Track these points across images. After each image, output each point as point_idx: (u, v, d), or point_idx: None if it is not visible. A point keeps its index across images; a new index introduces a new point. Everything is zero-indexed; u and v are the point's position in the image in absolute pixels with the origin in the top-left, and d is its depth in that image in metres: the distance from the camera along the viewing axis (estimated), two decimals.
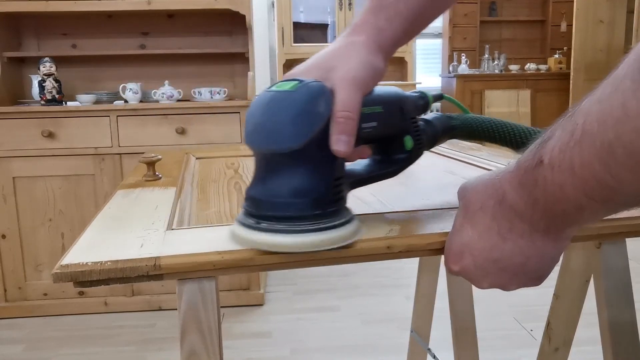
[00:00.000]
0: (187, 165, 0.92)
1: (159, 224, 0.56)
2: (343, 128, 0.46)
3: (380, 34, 0.54)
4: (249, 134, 0.47)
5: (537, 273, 0.47)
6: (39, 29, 2.50)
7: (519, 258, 0.45)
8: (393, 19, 0.54)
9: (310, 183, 0.47)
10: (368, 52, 0.52)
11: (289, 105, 0.46)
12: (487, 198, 0.46)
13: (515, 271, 0.46)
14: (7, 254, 2.22)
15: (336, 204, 0.49)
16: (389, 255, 0.50)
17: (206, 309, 0.49)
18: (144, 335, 2.08)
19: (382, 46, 0.54)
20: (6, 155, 2.15)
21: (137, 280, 0.46)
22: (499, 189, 0.45)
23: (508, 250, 0.45)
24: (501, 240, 0.45)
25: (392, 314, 2.20)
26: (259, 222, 0.47)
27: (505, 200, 0.44)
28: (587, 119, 0.35)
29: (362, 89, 0.49)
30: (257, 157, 0.49)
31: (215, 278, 0.49)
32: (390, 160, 0.59)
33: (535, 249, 0.45)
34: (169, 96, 2.33)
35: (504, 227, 0.45)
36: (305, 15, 4.93)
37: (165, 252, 0.47)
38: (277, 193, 0.47)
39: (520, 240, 0.44)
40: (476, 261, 0.47)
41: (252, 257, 0.47)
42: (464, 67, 5.25)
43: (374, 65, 0.51)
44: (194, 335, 0.49)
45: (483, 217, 0.46)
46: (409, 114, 0.59)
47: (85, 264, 0.45)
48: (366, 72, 0.50)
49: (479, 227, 0.46)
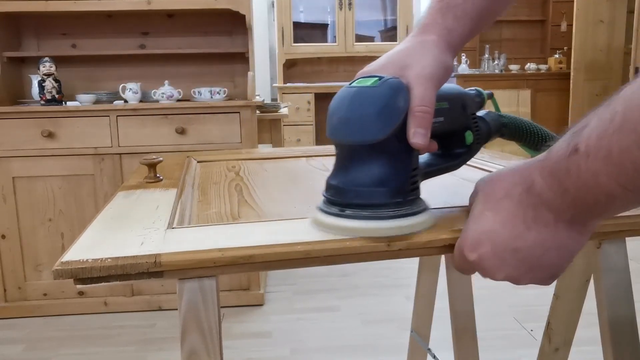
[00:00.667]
0: (188, 167, 0.92)
1: (159, 223, 0.56)
2: (420, 122, 0.49)
3: (450, 33, 0.56)
4: (334, 127, 0.50)
5: (552, 269, 0.46)
6: (39, 28, 2.50)
7: (539, 249, 0.45)
8: (461, 18, 0.57)
9: (391, 173, 0.50)
10: (440, 50, 0.54)
11: (373, 100, 0.49)
12: (513, 186, 0.46)
13: (532, 264, 0.46)
14: (6, 254, 2.22)
15: (414, 193, 0.52)
16: (389, 254, 0.50)
17: (207, 308, 0.49)
18: (143, 335, 2.08)
19: (452, 44, 0.56)
20: (6, 155, 2.15)
21: (137, 277, 0.46)
22: (528, 177, 0.45)
23: (530, 240, 0.45)
24: (525, 229, 0.45)
25: (392, 314, 2.20)
26: (343, 210, 0.50)
27: (533, 188, 0.44)
28: (628, 105, 0.36)
29: (436, 85, 0.52)
30: (340, 149, 0.52)
31: (215, 277, 0.49)
32: (452, 155, 0.63)
33: (557, 241, 0.45)
34: (169, 96, 2.32)
35: (529, 215, 0.45)
36: (305, 15, 4.93)
37: (165, 249, 0.48)
38: (361, 182, 0.50)
39: (544, 230, 0.44)
40: (495, 249, 0.46)
41: (252, 255, 0.47)
42: (464, 67, 5.25)
43: (445, 63, 0.54)
44: (194, 334, 0.49)
45: (508, 205, 0.46)
46: (470, 110, 0.62)
47: (85, 260, 0.46)
48: (439, 69, 0.52)
49: (502, 214, 0.46)
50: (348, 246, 0.49)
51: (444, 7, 0.58)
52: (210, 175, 0.88)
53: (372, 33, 5.12)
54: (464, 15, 0.57)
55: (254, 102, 2.25)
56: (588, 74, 5.00)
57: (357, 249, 0.49)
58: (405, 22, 4.81)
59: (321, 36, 4.96)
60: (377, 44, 5.01)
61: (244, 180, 0.82)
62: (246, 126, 2.23)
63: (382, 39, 5.14)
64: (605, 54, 4.99)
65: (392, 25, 5.00)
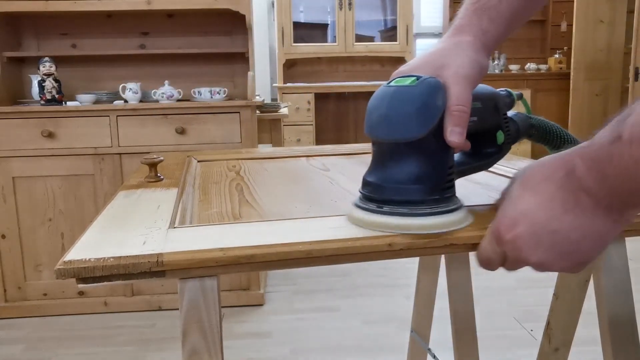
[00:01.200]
0: (188, 167, 0.92)
1: (161, 222, 0.57)
2: (457, 120, 0.50)
3: (485, 34, 0.58)
4: (373, 125, 0.51)
5: (584, 256, 0.46)
6: (39, 28, 2.50)
7: (575, 234, 0.45)
8: (495, 20, 0.58)
9: (429, 170, 0.51)
10: (475, 51, 0.56)
11: (412, 98, 0.50)
12: (554, 170, 0.46)
13: (566, 249, 0.46)
14: (6, 254, 2.22)
15: (450, 191, 0.53)
16: (390, 254, 0.50)
17: (208, 308, 0.49)
18: (143, 335, 2.08)
19: (486, 45, 0.58)
20: (6, 155, 2.15)
21: (139, 276, 0.46)
22: (569, 162, 0.45)
23: (567, 223, 0.45)
24: (563, 212, 0.45)
25: (392, 314, 2.20)
26: (381, 206, 0.51)
27: (574, 172, 0.44)
28: None
29: (472, 85, 0.53)
30: (378, 146, 0.53)
31: (217, 277, 0.49)
32: (483, 154, 0.64)
33: (593, 227, 0.45)
34: (169, 96, 2.32)
35: (568, 199, 0.45)
36: (305, 15, 4.93)
37: (167, 249, 0.48)
38: (399, 179, 0.51)
39: (582, 215, 0.44)
40: (532, 229, 0.46)
41: (254, 254, 0.47)
42: None
43: (480, 63, 0.55)
44: (195, 334, 0.49)
45: (548, 187, 0.46)
46: (501, 110, 0.63)
47: (88, 260, 0.46)
48: (474, 69, 0.54)
49: (542, 196, 0.46)
50: (349, 246, 0.49)
51: (479, 8, 0.59)
52: (211, 174, 0.88)
53: (372, 33, 5.12)
54: (499, 17, 0.58)
55: (254, 102, 2.25)
56: (588, 74, 5.00)
57: (359, 249, 0.49)
58: (405, 22, 4.81)
59: (321, 36, 4.96)
60: (377, 44, 5.01)
61: (244, 180, 0.82)
62: (246, 126, 2.23)
63: (382, 39, 5.13)
64: (605, 54, 4.99)
65: (392, 25, 5.00)
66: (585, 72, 4.99)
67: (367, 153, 1.08)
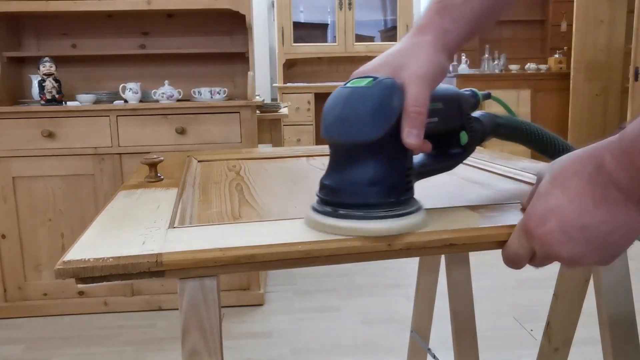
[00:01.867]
0: (188, 167, 0.92)
1: (160, 222, 0.57)
2: (414, 122, 0.49)
3: (446, 34, 0.57)
4: (329, 126, 0.51)
5: (617, 249, 0.46)
6: (39, 28, 2.50)
7: (606, 227, 0.45)
8: (458, 20, 0.57)
9: (385, 172, 0.50)
10: (435, 51, 0.55)
11: (368, 100, 0.49)
12: (584, 165, 0.46)
13: (598, 243, 0.45)
14: (6, 254, 2.22)
15: (408, 193, 0.52)
16: (389, 253, 0.50)
17: (208, 308, 0.49)
18: (143, 335, 2.08)
19: (448, 46, 0.57)
20: (6, 155, 2.15)
21: (138, 277, 0.46)
22: (599, 157, 0.45)
23: (599, 217, 0.45)
24: (593, 206, 0.45)
25: (392, 314, 2.20)
26: (337, 210, 0.50)
27: (603, 166, 0.44)
28: None
29: (430, 85, 0.52)
30: (334, 148, 0.52)
31: (216, 277, 0.49)
32: (447, 155, 0.63)
33: (625, 220, 0.44)
34: (169, 96, 2.33)
35: (598, 193, 0.44)
36: (305, 14, 4.93)
37: (166, 249, 0.48)
38: (355, 182, 0.50)
39: (613, 209, 0.44)
40: (563, 225, 0.46)
41: (254, 254, 0.47)
42: (464, 66, 5.24)
43: (440, 63, 0.54)
44: (195, 334, 0.49)
45: (578, 182, 0.46)
46: (465, 110, 0.63)
47: (87, 260, 0.46)
48: (434, 70, 0.53)
49: (571, 191, 0.46)
50: (349, 246, 0.49)
51: (442, 8, 0.58)
52: (211, 174, 0.88)
53: (372, 33, 5.12)
54: (462, 17, 0.57)
55: (254, 102, 2.25)
56: (588, 74, 4.99)
57: (358, 249, 0.49)
58: (405, 22, 4.81)
59: (321, 36, 4.96)
60: (377, 43, 5.01)
61: (244, 179, 0.82)
62: (246, 126, 2.23)
63: (382, 39, 5.14)
64: (605, 54, 4.99)
65: (392, 25, 5.00)
66: (585, 72, 4.98)
67: None
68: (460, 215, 0.56)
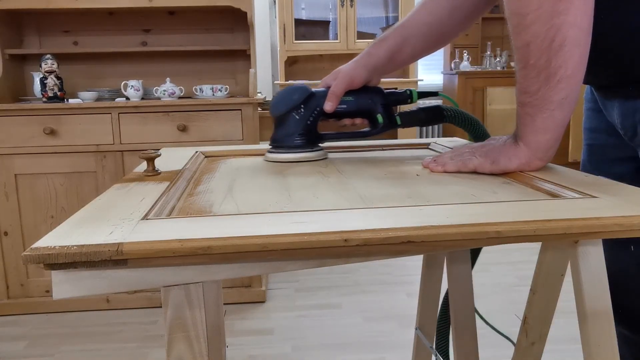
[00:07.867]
0: (191, 161, 0.92)
1: (137, 214, 0.57)
2: (330, 97, 0.94)
3: (370, 57, 0.96)
4: (270, 107, 0.97)
5: (511, 158, 0.77)
6: (41, 26, 2.51)
7: (510, 151, 0.77)
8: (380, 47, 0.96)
9: (293, 129, 0.93)
10: (357, 66, 0.95)
11: (281, 94, 0.96)
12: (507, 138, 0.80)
13: (510, 155, 0.76)
14: (9, 251, 2.23)
15: (312, 140, 0.95)
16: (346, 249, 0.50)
17: (193, 317, 0.49)
18: (145, 332, 2.09)
19: (367, 65, 0.95)
20: (8, 152, 2.15)
21: (101, 265, 0.48)
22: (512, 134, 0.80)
23: (508, 150, 0.77)
24: (505, 147, 0.79)
25: (394, 311, 2.20)
26: (275, 149, 0.95)
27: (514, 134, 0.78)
28: None
29: (345, 83, 0.94)
30: (274, 119, 0.96)
31: (201, 284, 0.50)
32: (370, 128, 1.00)
33: (514, 149, 0.76)
34: (171, 93, 2.33)
35: (509, 143, 0.78)
36: (306, 12, 4.93)
37: (130, 239, 0.48)
38: (281, 135, 0.95)
39: (512, 147, 0.77)
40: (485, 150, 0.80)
41: (210, 246, 0.48)
42: (466, 64, 5.24)
43: (353, 75, 0.94)
44: (181, 344, 0.50)
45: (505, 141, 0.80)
46: (380, 101, 0.97)
47: (53, 247, 0.47)
48: (348, 77, 0.94)
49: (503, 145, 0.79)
50: (305, 240, 0.49)
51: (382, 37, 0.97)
52: (210, 169, 0.89)
53: (373, 30, 5.11)
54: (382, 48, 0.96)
55: (256, 99, 2.25)
56: None
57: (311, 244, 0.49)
58: None
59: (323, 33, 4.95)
60: None
61: (238, 174, 0.83)
62: (248, 123, 2.23)
63: None
64: None
65: (394, 22, 4.99)
66: None
67: (365, 150, 1.08)
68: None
